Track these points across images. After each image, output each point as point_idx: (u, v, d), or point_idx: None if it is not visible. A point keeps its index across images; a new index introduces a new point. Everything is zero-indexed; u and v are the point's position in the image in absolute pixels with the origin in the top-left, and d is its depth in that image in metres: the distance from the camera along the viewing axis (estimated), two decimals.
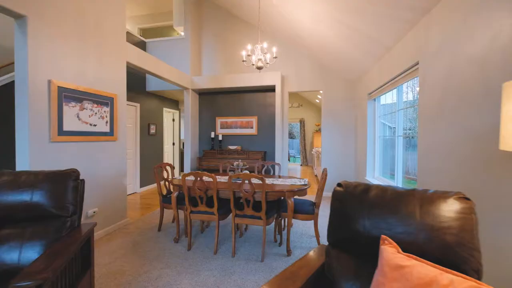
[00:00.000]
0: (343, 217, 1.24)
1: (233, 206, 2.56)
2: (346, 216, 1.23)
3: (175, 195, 2.81)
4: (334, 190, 1.35)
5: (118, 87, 3.26)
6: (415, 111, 3.26)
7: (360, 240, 1.16)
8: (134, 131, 5.33)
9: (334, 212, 1.31)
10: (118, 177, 3.28)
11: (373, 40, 3.19)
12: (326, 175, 2.74)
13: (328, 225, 1.33)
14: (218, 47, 5.73)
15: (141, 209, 4.21)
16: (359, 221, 1.17)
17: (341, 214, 1.26)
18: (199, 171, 2.55)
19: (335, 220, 1.29)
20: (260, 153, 5.24)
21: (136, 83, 5.34)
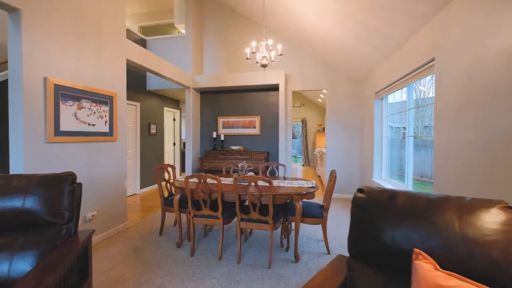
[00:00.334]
0: (366, 227, 1.12)
1: (238, 210, 2.44)
2: (370, 225, 1.11)
3: (178, 198, 2.69)
4: (355, 196, 1.23)
5: (118, 86, 3.14)
6: (423, 110, 3.14)
7: (388, 253, 1.04)
8: (134, 131, 5.20)
9: (355, 220, 1.19)
10: (118, 178, 3.16)
11: (383, 36, 3.07)
12: (335, 177, 2.62)
13: (349, 235, 1.21)
14: (220, 45, 5.61)
15: (141, 211, 4.09)
16: (386, 231, 1.05)
17: (364, 223, 1.14)
18: (203, 173, 2.42)
19: (357, 230, 1.17)
20: (263, 154, 5.12)
21: (136, 82, 5.22)
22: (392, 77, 3.33)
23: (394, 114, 3.89)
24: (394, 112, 3.88)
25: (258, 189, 2.30)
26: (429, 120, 3.13)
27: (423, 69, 2.57)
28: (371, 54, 3.67)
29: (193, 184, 2.68)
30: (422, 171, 3.19)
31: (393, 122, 4.04)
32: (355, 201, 1.22)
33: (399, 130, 3.98)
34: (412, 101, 3.13)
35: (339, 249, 2.76)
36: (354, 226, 1.19)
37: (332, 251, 2.69)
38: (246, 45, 5.40)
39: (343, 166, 5.07)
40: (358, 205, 1.20)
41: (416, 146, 3.52)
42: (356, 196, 1.22)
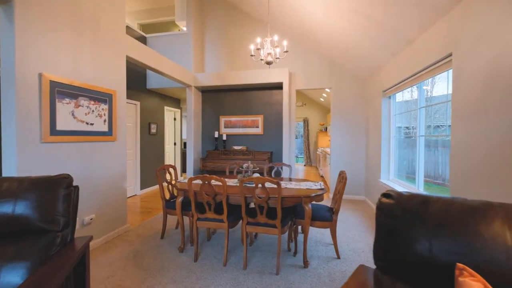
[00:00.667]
0: (396, 237, 1.00)
1: (244, 213, 2.32)
2: (401, 235, 0.99)
3: (180, 201, 2.57)
4: (381, 202, 1.11)
5: (117, 83, 3.01)
6: (431, 109, 3.03)
7: (424, 267, 0.92)
8: (134, 131, 5.08)
9: (382, 229, 1.07)
10: (118, 180, 3.04)
11: (393, 32, 2.95)
12: (346, 178, 2.50)
13: (375, 245, 1.09)
14: (222, 43, 5.49)
15: (141, 213, 3.97)
16: (421, 242, 0.93)
17: (393, 233, 1.02)
18: (207, 175, 2.30)
19: (385, 240, 1.05)
20: (267, 154, 5.00)
21: (136, 80, 5.10)
22: (401, 75, 3.22)
23: (398, 114, 3.77)
24: (401, 112, 3.77)
25: (266, 192, 2.18)
26: (439, 119, 3.02)
27: (437, 65, 2.45)
28: (379, 51, 3.55)
29: (197, 186, 2.56)
30: (433, 172, 3.07)
31: (397, 122, 3.92)
32: (381, 208, 1.10)
33: (403, 130, 3.86)
34: (423, 99, 3.01)
35: (348, 253, 2.65)
36: (381, 235, 1.07)
37: (342, 256, 2.58)
38: (248, 43, 5.28)
39: (348, 167, 4.96)
40: (385, 212, 1.08)
41: (425, 146, 3.40)
42: (382, 202, 1.10)
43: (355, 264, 2.42)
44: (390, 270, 1.02)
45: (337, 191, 2.72)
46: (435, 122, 3.06)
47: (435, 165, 3.02)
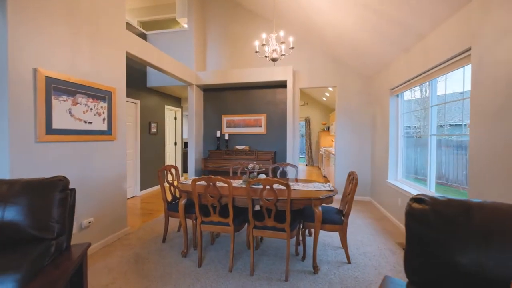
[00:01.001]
0: (433, 248, 0.89)
1: (251, 217, 2.20)
2: (439, 246, 0.88)
3: (183, 203, 2.45)
4: (412, 208, 0.99)
5: (117, 80, 2.89)
6: (443, 107, 2.91)
7: (470, 283, 0.81)
8: (134, 130, 4.95)
9: (415, 239, 0.95)
10: (118, 181, 2.91)
11: (404, 27, 2.83)
12: (357, 179, 2.38)
13: (406, 257, 0.97)
14: (224, 40, 5.37)
15: (142, 215, 3.84)
16: (467, 254, 0.82)
17: (430, 244, 0.90)
18: (212, 176, 2.18)
19: (420, 251, 0.93)
20: (270, 154, 4.88)
21: (136, 78, 4.97)
22: (411, 72, 3.11)
23: (407, 113, 3.66)
24: (410, 110, 3.65)
25: (274, 194, 2.06)
26: (453, 117, 2.91)
27: (453, 61, 2.34)
28: (388, 48, 3.44)
29: (201, 187, 2.44)
30: (445, 174, 2.96)
31: (405, 121, 3.80)
32: (413, 214, 0.98)
33: (412, 129, 3.75)
34: (435, 97, 2.90)
35: (359, 257, 2.53)
36: (414, 246, 0.96)
37: (352, 260, 2.46)
38: (251, 41, 5.16)
39: (353, 167, 4.85)
40: (418, 219, 0.96)
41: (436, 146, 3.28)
42: (414, 208, 0.99)
43: (367, 269, 2.30)
44: (427, 286, 0.90)
45: (346, 192, 2.61)
46: (447, 121, 2.94)
47: (448, 166, 2.91)
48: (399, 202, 3.41)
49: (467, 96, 2.31)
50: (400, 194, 3.41)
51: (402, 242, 2.90)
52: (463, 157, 2.74)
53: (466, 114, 2.40)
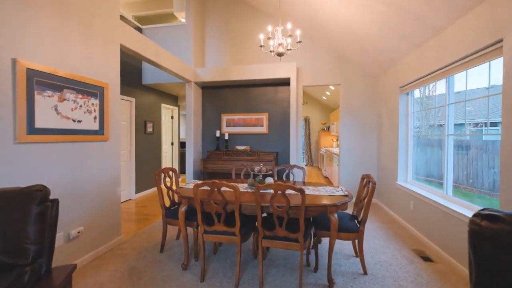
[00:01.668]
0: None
1: (260, 226, 1.98)
2: None
3: (183, 210, 2.22)
4: (480, 226, 0.79)
5: (110, 75, 2.64)
6: (461, 105, 2.74)
7: None
8: (128, 129, 4.69)
9: (490, 266, 0.75)
10: (111, 185, 2.67)
11: (419, 20, 2.65)
12: (374, 183, 2.18)
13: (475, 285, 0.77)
14: (224, 36, 5.13)
15: (137, 221, 3.59)
16: None
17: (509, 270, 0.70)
18: (216, 180, 1.96)
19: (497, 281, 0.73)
20: (272, 154, 4.67)
21: (130, 75, 4.70)
22: (426, 69, 2.93)
23: (419, 111, 3.49)
24: (421, 109, 3.48)
25: (287, 200, 1.85)
26: (474, 116, 2.74)
27: (478, 55, 2.15)
28: (398, 43, 3.25)
29: (203, 193, 2.22)
30: (464, 177, 2.79)
31: (415, 120, 3.63)
32: (483, 234, 0.78)
33: (423, 128, 3.59)
34: (452, 94, 2.73)
35: (374, 267, 2.34)
36: (489, 275, 0.75)
37: (368, 271, 2.26)
38: (252, 37, 4.95)
39: (358, 167, 4.67)
40: (492, 241, 0.76)
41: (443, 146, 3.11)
42: (484, 227, 0.78)
43: (386, 281, 2.11)
44: None
45: (361, 196, 2.42)
46: (468, 119, 2.77)
47: (468, 169, 2.74)
48: (411, 205, 3.24)
49: (495, 92, 2.13)
50: (412, 197, 3.23)
51: (417, 249, 2.72)
52: (484, 158, 2.57)
53: (494, 112, 2.23)
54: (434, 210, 2.71)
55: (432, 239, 2.74)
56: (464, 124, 2.75)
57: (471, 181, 2.69)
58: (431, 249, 2.70)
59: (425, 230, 2.88)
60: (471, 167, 2.67)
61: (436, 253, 2.61)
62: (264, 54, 4.90)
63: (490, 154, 2.52)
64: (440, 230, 2.60)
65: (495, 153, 2.52)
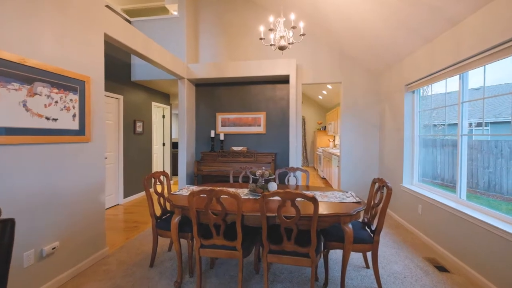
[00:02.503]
0: None
1: (266, 239, 1.73)
2: None
3: (176, 221, 1.95)
4: None
5: (92, 68, 2.34)
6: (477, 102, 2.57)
7: None
8: (116, 129, 4.35)
9: None
10: (93, 191, 2.36)
11: (433, 11, 2.46)
12: (391, 189, 1.97)
13: None
14: (218, 31, 4.85)
15: (125, 229, 3.28)
16: None
17: None
18: (215, 188, 1.70)
19: None
20: (271, 155, 4.43)
21: (118, 71, 4.37)
22: (436, 65, 2.75)
23: (427, 110, 3.32)
24: (431, 107, 3.31)
25: (296, 210, 1.61)
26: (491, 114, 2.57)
27: (503, 47, 1.97)
28: (407, 37, 3.07)
29: (200, 202, 1.95)
30: (479, 181, 2.62)
31: (421, 119, 3.46)
32: None
33: (432, 128, 3.42)
34: (466, 92, 2.55)
35: (388, 280, 2.13)
36: None
37: (383, 284, 2.05)
38: (249, 32, 4.70)
39: (359, 169, 4.49)
40: None
41: (450, 147, 2.95)
42: None
43: None
44: None
45: (371, 202, 2.21)
46: (478, 118, 2.60)
47: (483, 172, 2.57)
48: (419, 209, 3.06)
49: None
50: (420, 200, 3.06)
51: (430, 257, 2.53)
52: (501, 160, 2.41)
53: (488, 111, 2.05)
54: (447, 215, 2.54)
55: (444, 246, 2.56)
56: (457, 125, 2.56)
57: (487, 185, 2.53)
58: (444, 257, 2.52)
59: (436, 236, 2.70)
60: (486, 170, 2.50)
61: (451, 261, 2.43)
62: (261, 51, 4.66)
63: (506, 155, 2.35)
64: (454, 237, 2.42)
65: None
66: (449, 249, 2.50)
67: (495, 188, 2.49)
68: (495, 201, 2.38)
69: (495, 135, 2.49)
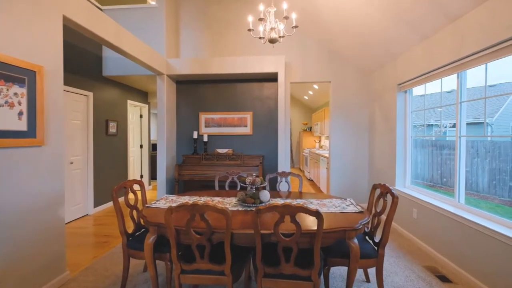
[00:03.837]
0: None
1: (260, 262, 1.46)
2: None
3: (151, 242, 1.61)
4: None
5: (47, 56, 1.94)
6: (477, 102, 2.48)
7: None
8: (84, 130, 3.87)
9: None
10: (49, 205, 1.96)
11: (432, 6, 2.32)
12: (396, 197, 1.78)
13: None
14: (202, 25, 4.51)
15: (93, 246, 2.85)
16: None
17: None
18: (199, 202, 1.40)
19: None
20: (258, 158, 4.16)
21: (87, 64, 3.89)
22: (434, 63, 2.63)
23: (420, 110, 3.23)
24: (425, 107, 3.22)
25: (297, 227, 1.35)
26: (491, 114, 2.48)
27: (509, 43, 1.85)
28: (402, 34, 2.93)
29: (181, 218, 1.63)
30: (479, 184, 2.53)
31: (415, 120, 3.40)
32: None
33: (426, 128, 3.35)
34: (465, 91, 2.45)
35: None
36: None
37: None
38: (235, 27, 4.41)
39: (349, 170, 4.35)
40: None
41: (442, 148, 2.89)
42: None
43: None
44: None
45: (371, 209, 2.02)
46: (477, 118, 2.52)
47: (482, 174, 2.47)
48: (414, 213, 2.94)
49: None
50: (415, 204, 2.94)
51: (430, 265, 2.39)
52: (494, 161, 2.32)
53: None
54: (446, 220, 2.41)
55: (443, 253, 2.43)
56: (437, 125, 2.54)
57: (480, 186, 2.44)
58: (444, 265, 2.38)
59: (434, 242, 2.58)
60: (486, 172, 2.41)
61: (452, 270, 2.29)
62: (248, 48, 4.38)
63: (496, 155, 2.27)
64: (454, 243, 2.29)
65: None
66: (448, 256, 2.37)
67: (472, 187, 2.48)
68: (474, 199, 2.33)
69: (495, 136, 2.40)
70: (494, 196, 2.42)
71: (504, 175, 2.35)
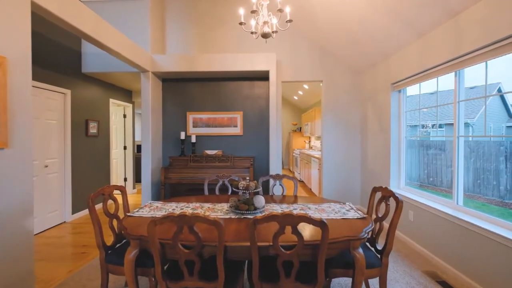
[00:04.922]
0: None
1: (257, 278, 1.29)
2: None
3: (132, 257, 1.41)
4: None
5: (11, 46, 1.69)
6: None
7: None
8: (61, 131, 3.56)
9: None
10: (14, 215, 1.71)
11: (430, 2, 2.26)
12: (401, 202, 1.67)
13: None
14: (189, 20, 4.30)
15: (70, 257, 2.58)
16: None
17: None
18: (187, 212, 1.22)
19: None
20: (249, 160, 4.00)
21: (64, 59, 3.59)
22: (430, 61, 2.58)
23: (415, 110, 3.19)
24: (419, 107, 3.17)
25: (299, 238, 1.20)
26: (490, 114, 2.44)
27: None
28: (397, 32, 2.87)
29: (167, 231, 1.45)
30: (471, 185, 2.49)
31: (409, 120, 3.37)
32: None
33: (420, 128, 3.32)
34: (462, 90, 2.40)
35: None
36: None
37: None
38: (224, 24, 4.25)
39: (342, 171, 4.28)
40: None
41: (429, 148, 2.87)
42: None
43: None
44: None
45: (371, 213, 1.92)
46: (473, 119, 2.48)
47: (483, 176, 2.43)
48: (411, 216, 2.87)
49: None
50: (411, 206, 2.87)
51: (429, 270, 2.32)
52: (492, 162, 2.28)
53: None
54: (444, 223, 2.35)
55: (442, 257, 2.37)
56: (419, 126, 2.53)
57: (473, 187, 2.40)
58: (444, 269, 2.31)
59: (432, 245, 2.51)
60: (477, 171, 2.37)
61: (452, 275, 2.22)
62: (238, 44, 4.22)
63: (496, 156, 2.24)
64: (453, 246, 2.23)
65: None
66: (447, 259, 2.30)
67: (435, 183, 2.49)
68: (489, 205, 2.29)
69: (495, 136, 2.37)
70: (479, 195, 2.43)
71: (488, 174, 2.36)
